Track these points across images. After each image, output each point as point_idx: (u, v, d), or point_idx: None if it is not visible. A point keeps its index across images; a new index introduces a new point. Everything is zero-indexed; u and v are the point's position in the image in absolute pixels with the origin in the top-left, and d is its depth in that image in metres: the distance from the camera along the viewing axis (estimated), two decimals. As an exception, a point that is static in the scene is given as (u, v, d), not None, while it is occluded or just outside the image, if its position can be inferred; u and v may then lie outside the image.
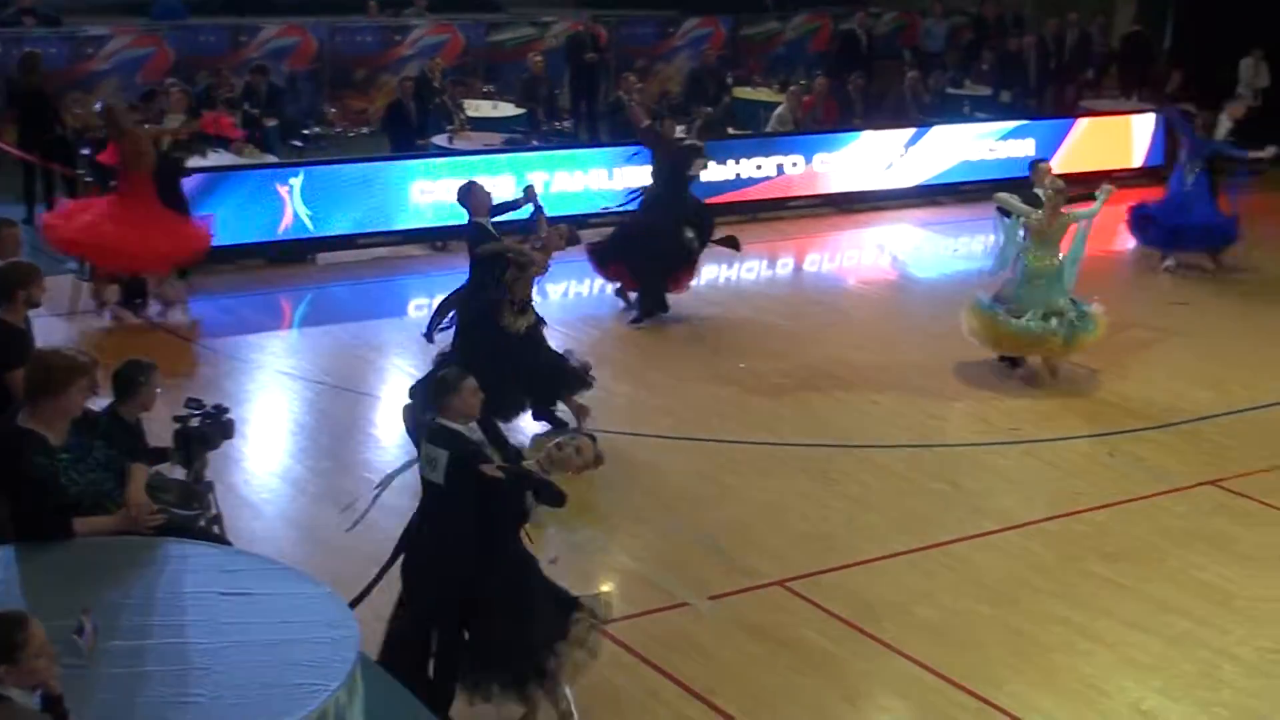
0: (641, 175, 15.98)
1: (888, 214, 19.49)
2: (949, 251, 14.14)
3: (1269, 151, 13.28)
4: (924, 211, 19.66)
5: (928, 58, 24.16)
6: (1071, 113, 22.28)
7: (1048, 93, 23.69)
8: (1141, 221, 17.22)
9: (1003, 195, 13.43)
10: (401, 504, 8.26)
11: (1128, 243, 17.75)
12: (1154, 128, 21.72)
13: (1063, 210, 13.14)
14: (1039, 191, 13.39)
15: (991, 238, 14.31)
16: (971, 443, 12.07)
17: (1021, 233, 13.22)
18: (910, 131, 19.80)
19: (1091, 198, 13.42)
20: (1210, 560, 10.22)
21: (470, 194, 11.94)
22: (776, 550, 10.07)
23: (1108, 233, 19.12)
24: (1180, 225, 16.78)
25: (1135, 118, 21.83)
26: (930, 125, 20.12)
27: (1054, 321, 12.97)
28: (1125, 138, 21.67)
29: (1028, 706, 8.36)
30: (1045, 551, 10.28)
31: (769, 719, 8.14)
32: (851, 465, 11.56)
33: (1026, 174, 13.91)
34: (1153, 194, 20.77)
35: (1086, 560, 10.15)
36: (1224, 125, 16.94)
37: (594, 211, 16.51)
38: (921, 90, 21.75)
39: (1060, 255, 13.20)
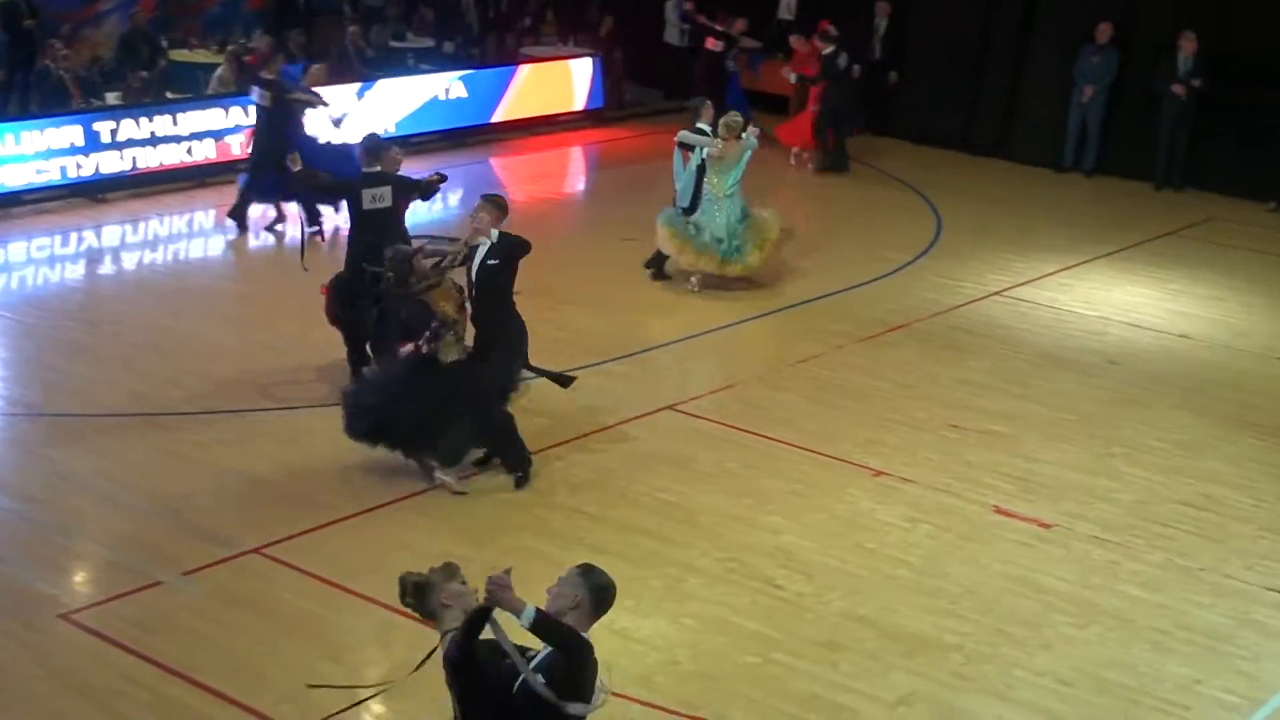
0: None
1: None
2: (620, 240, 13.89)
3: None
4: (376, 166, 19.55)
5: (368, 12, 24.04)
6: (513, 60, 22.70)
7: (489, 41, 24.04)
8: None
9: (683, 133, 14.95)
10: None
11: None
12: (592, 71, 22.42)
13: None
14: (703, 125, 14.88)
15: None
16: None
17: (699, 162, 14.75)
18: (356, 86, 19.70)
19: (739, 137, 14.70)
20: (672, 481, 10.73)
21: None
22: (249, 518, 9.88)
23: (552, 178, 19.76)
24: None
25: (573, 62, 22.45)
26: (375, 79, 20.07)
27: (722, 242, 14.63)
28: (566, 82, 22.27)
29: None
30: (515, 493, 10.50)
31: (254, 685, 8.00)
32: (322, 424, 11.46)
33: (473, 123, 14.08)
34: (593, 135, 21.64)
35: (556, 494, 10.46)
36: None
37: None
38: (363, 45, 21.65)
39: (735, 182, 14.73)
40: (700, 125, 14.99)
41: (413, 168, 19.32)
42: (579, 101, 22.35)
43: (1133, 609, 9.33)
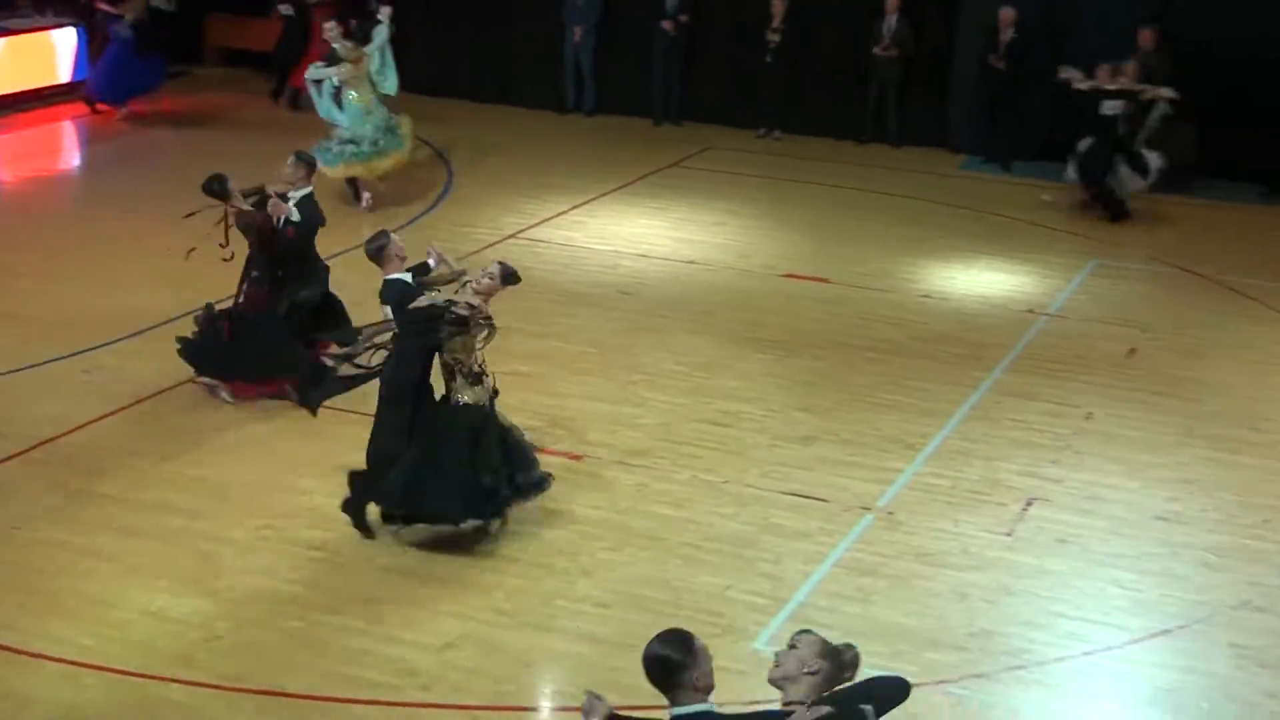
0: None
1: None
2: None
3: None
4: None
5: None
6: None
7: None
8: None
9: (311, 69, 16.35)
10: None
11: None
12: (76, 41, 21.38)
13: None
14: (337, 47, 16.12)
15: None
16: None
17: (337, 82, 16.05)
18: None
19: (369, 39, 16.30)
20: (200, 455, 10.47)
21: (384, 248, 9.47)
22: None
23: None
24: None
25: (56, 33, 21.35)
26: None
27: (378, 143, 16.13)
28: (49, 54, 21.17)
29: (39, 636, 8.20)
30: (30, 482, 10.02)
31: None
32: None
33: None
34: (82, 108, 20.66)
35: (75, 480, 10.03)
36: None
37: None
38: None
39: (372, 90, 16.24)
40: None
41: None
42: (64, 74, 21.29)
43: (663, 527, 9.68)
